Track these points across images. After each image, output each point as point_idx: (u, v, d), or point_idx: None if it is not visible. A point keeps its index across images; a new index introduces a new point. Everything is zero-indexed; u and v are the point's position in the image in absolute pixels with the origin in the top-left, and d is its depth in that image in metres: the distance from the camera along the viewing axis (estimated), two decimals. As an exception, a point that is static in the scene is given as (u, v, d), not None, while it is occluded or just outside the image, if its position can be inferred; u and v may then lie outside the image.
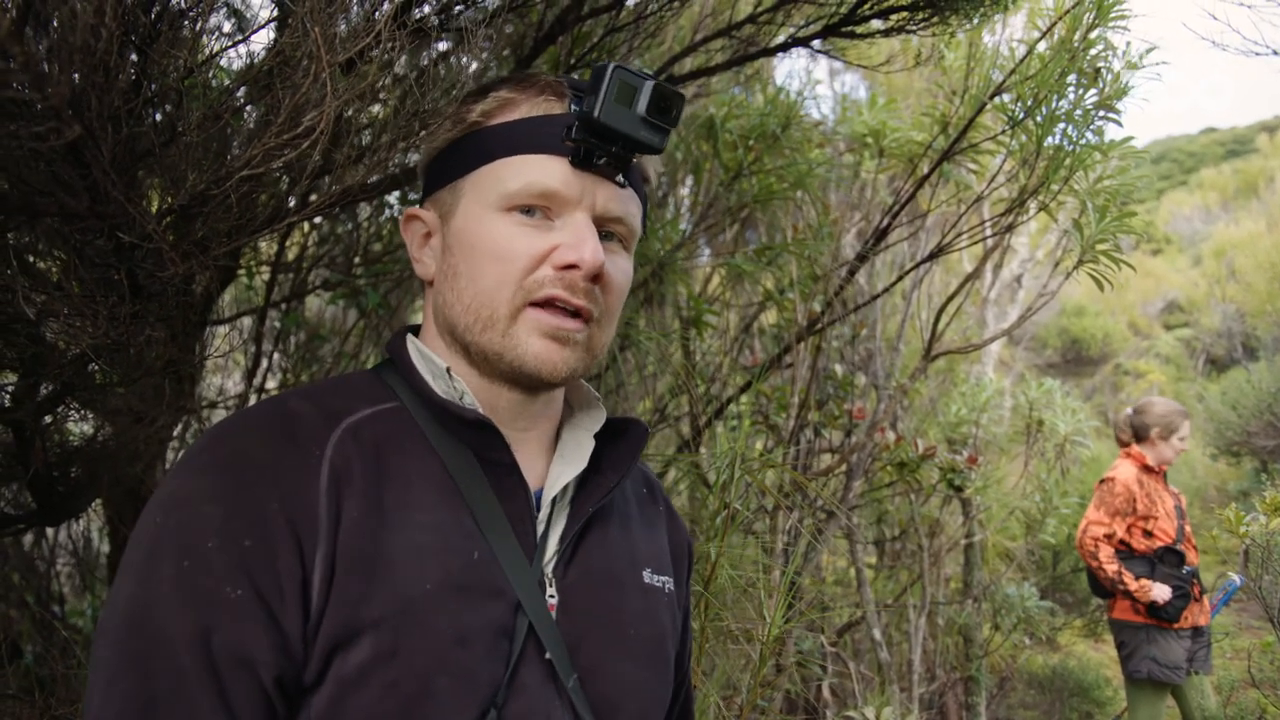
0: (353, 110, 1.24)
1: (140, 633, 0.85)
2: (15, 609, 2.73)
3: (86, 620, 3.07)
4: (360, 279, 3.06)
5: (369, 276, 3.07)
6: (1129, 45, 2.74)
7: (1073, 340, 19.38)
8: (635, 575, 1.13)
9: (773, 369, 4.12)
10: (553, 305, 1.02)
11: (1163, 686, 4.68)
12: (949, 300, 3.39)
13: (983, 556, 6.01)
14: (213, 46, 1.36)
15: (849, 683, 4.50)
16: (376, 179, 2.00)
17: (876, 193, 4.93)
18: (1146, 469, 4.92)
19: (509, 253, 1.01)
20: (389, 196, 2.94)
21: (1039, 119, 2.81)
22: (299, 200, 1.46)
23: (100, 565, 3.27)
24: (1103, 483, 4.96)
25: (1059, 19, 2.74)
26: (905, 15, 2.45)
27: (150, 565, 0.88)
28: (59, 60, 0.91)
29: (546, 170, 1.02)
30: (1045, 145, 2.85)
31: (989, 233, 3.17)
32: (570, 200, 1.03)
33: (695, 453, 3.92)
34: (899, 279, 3.90)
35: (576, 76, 2.93)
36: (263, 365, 3.15)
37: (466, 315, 1.03)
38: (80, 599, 3.31)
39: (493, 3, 1.91)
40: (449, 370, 1.04)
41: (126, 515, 2.41)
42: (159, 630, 0.84)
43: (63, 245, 1.28)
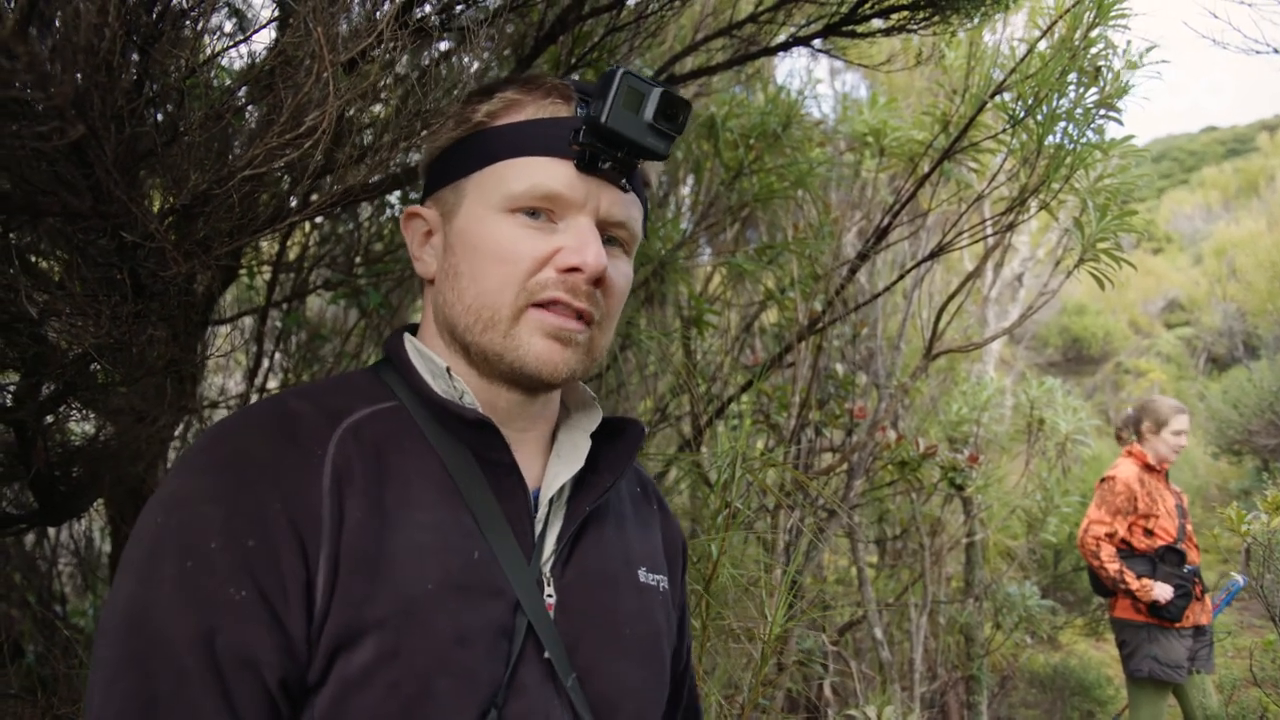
0: (354, 110, 1.24)
1: (141, 633, 0.85)
2: (17, 609, 2.73)
3: (88, 620, 3.07)
4: (361, 279, 3.06)
5: (370, 276, 3.07)
6: (1129, 44, 2.74)
7: (1074, 339, 19.38)
8: (630, 574, 1.13)
9: (774, 368, 4.13)
10: (555, 306, 1.02)
11: (1164, 685, 4.68)
12: (950, 299, 3.39)
13: (984, 555, 6.01)
14: (214, 46, 1.36)
15: (850, 681, 4.50)
16: (378, 179, 2.00)
17: (877, 192, 4.93)
18: (1148, 467, 4.92)
19: (512, 254, 1.01)
20: (390, 196, 2.94)
21: (1040, 118, 2.81)
22: (300, 200, 1.46)
23: (102, 565, 3.27)
24: (1103, 481, 4.96)
25: (1059, 18, 2.74)
26: (906, 14, 2.45)
27: (151, 565, 0.87)
28: (62, 60, 0.92)
29: (551, 173, 1.02)
30: (1046, 144, 2.84)
31: (990, 231, 3.17)
32: (574, 203, 1.03)
33: (696, 452, 3.91)
34: (900, 278, 3.90)
35: (578, 77, 2.92)
36: (264, 365, 3.15)
37: (467, 315, 1.03)
38: (82, 599, 3.31)
39: (494, 2, 1.91)
40: (449, 370, 1.04)
41: (128, 515, 2.41)
42: (160, 630, 0.84)
43: (65, 245, 1.28)
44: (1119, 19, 2.69)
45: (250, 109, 1.67)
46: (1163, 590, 4.58)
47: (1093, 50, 2.72)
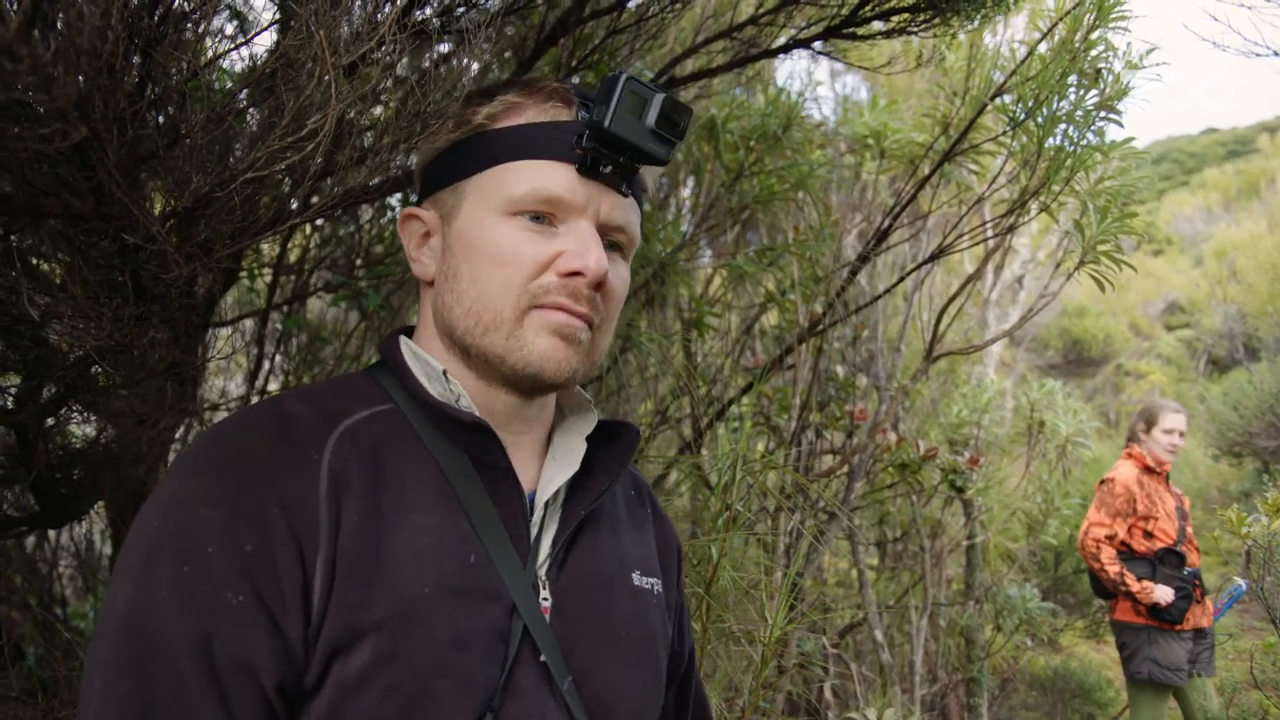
0: (355, 112, 1.24)
1: (139, 637, 0.84)
2: (18, 611, 2.73)
3: (89, 622, 3.07)
4: (362, 281, 3.07)
5: (371, 278, 3.07)
6: (1130, 46, 2.74)
7: (1074, 341, 19.37)
8: (625, 578, 1.13)
9: (774, 370, 4.13)
10: (558, 310, 1.02)
11: (1164, 688, 4.68)
12: (950, 301, 3.39)
13: (984, 558, 6.01)
14: (216, 49, 1.36)
15: (851, 684, 4.50)
16: (378, 181, 2.00)
17: (878, 194, 4.94)
18: (1147, 469, 4.92)
19: (513, 257, 1.01)
20: (391, 199, 2.94)
21: (1040, 120, 2.81)
22: (301, 202, 1.46)
23: (102, 567, 3.27)
24: (1103, 483, 4.96)
25: (1060, 20, 2.75)
26: (906, 17, 2.45)
27: (149, 569, 0.87)
28: (65, 62, 0.92)
29: (553, 177, 1.02)
30: (1046, 146, 2.85)
31: (990, 234, 3.17)
32: (575, 207, 1.03)
33: (697, 454, 3.92)
34: (900, 280, 3.90)
35: (578, 80, 2.92)
36: (264, 367, 3.15)
37: (467, 318, 1.03)
38: (82, 601, 3.31)
39: (494, 5, 1.91)
40: (445, 372, 1.04)
41: (129, 517, 2.40)
42: (158, 635, 0.84)
43: (67, 247, 1.28)
44: (1119, 21, 2.69)
45: (252, 112, 1.67)
46: (1163, 593, 4.58)
47: (1093, 52, 2.72)
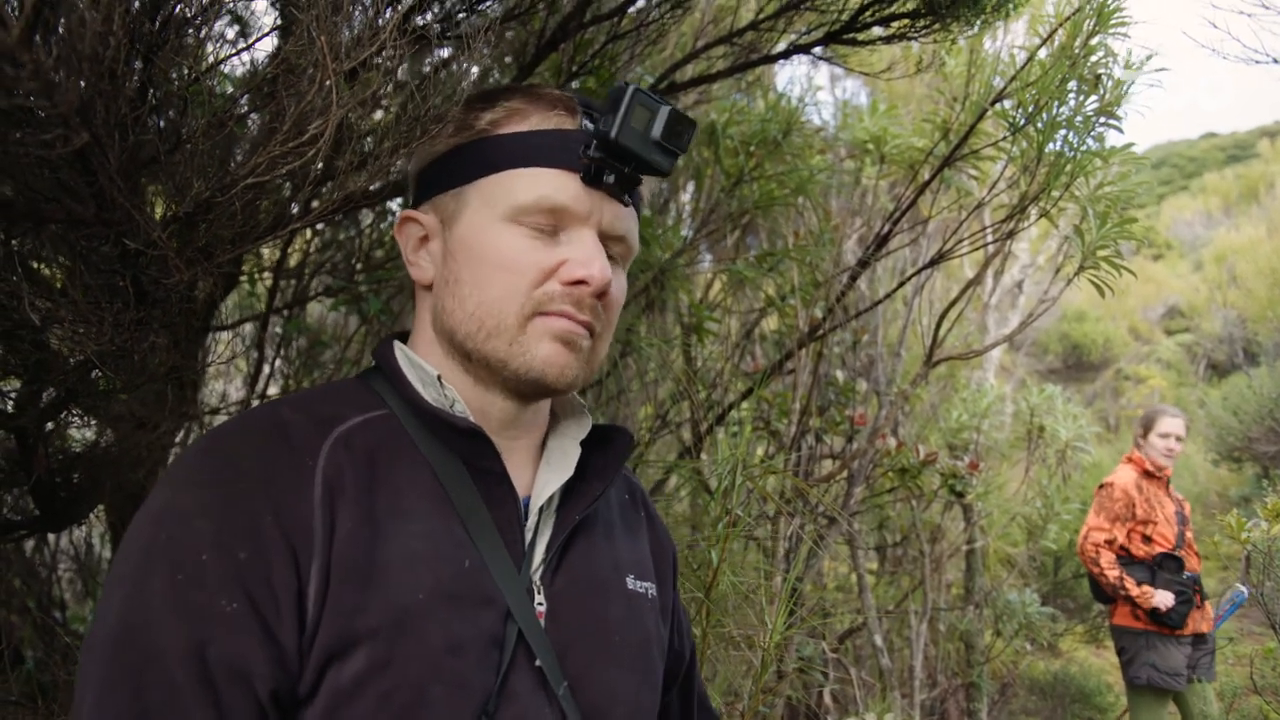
0: (355, 117, 1.24)
1: (133, 646, 0.84)
2: (17, 615, 2.73)
3: (87, 626, 3.06)
4: (362, 285, 3.07)
5: (371, 283, 3.07)
6: (1129, 52, 2.75)
7: (1074, 346, 19.39)
8: (619, 582, 1.13)
9: (774, 375, 4.13)
10: (561, 317, 1.02)
11: (1164, 693, 4.67)
12: (950, 306, 3.39)
13: (984, 562, 6.01)
14: (217, 54, 1.36)
15: (850, 689, 4.50)
16: (378, 185, 2.01)
17: (877, 199, 4.94)
18: (1147, 474, 4.92)
19: (517, 264, 1.01)
20: (391, 203, 2.94)
21: (1040, 125, 2.82)
22: (301, 207, 1.46)
23: (102, 571, 3.26)
24: (1102, 488, 4.97)
25: (1060, 25, 2.75)
26: (907, 22, 2.45)
27: (142, 577, 0.87)
28: (67, 68, 0.92)
29: (559, 185, 1.02)
30: (1046, 151, 2.85)
31: (990, 239, 3.18)
32: (579, 216, 1.03)
33: (697, 459, 3.92)
34: (900, 285, 3.90)
35: (578, 85, 2.90)
36: (264, 371, 3.15)
37: (469, 323, 1.03)
38: (81, 605, 3.31)
39: (495, 10, 1.92)
40: (439, 378, 1.04)
41: (128, 521, 2.39)
42: (152, 643, 0.84)
43: (67, 251, 1.28)
44: (1119, 27, 2.70)
45: (253, 117, 1.67)
46: (1163, 598, 4.58)
47: (1093, 58, 2.72)
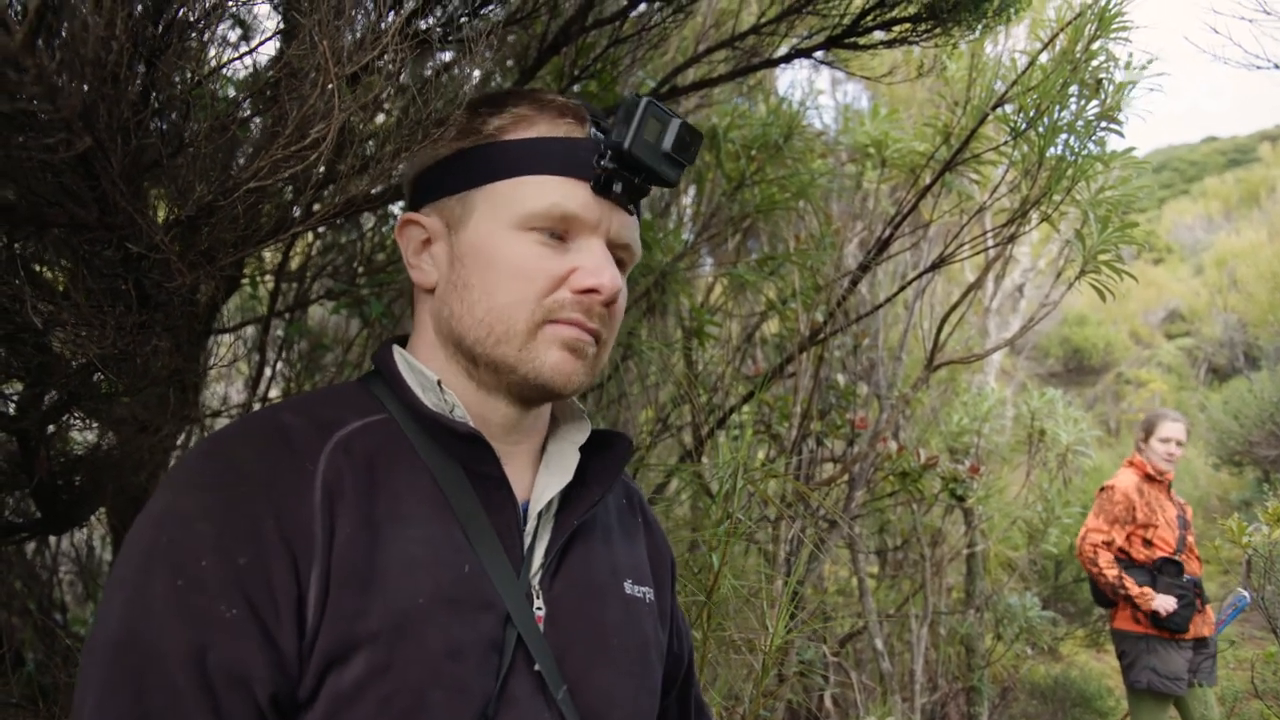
0: (357, 121, 1.24)
1: (133, 650, 0.84)
2: (18, 617, 2.72)
3: (88, 629, 3.06)
4: (364, 289, 3.07)
5: (372, 286, 3.07)
6: (1130, 57, 2.75)
7: (1074, 349, 19.38)
8: (617, 586, 1.13)
9: (775, 379, 4.13)
10: (570, 324, 1.03)
11: (1164, 697, 4.67)
12: (951, 310, 3.39)
13: (985, 566, 6.00)
14: (220, 58, 1.37)
15: (851, 693, 4.50)
16: (380, 189, 2.01)
17: (879, 203, 4.94)
18: (1149, 478, 4.92)
19: (529, 272, 1.01)
20: (392, 206, 2.95)
21: (1041, 130, 2.82)
22: (303, 210, 1.47)
23: (102, 573, 3.26)
24: (1103, 490, 4.97)
25: (1061, 30, 2.75)
26: (908, 27, 2.45)
27: (143, 582, 0.87)
28: (70, 72, 0.92)
29: (570, 194, 1.02)
30: (1047, 156, 2.85)
31: (991, 243, 3.18)
32: (589, 225, 1.03)
33: (698, 462, 3.92)
34: (901, 289, 3.90)
35: (579, 88, 2.90)
36: (266, 374, 3.15)
37: (478, 329, 1.03)
38: (82, 607, 3.31)
39: (498, 14, 1.92)
40: (439, 383, 1.04)
41: (129, 524, 2.39)
42: (152, 648, 0.84)
43: (70, 255, 1.29)
44: (1120, 32, 2.70)
45: (255, 120, 1.67)
46: (1164, 601, 4.57)
47: (1094, 63, 2.73)
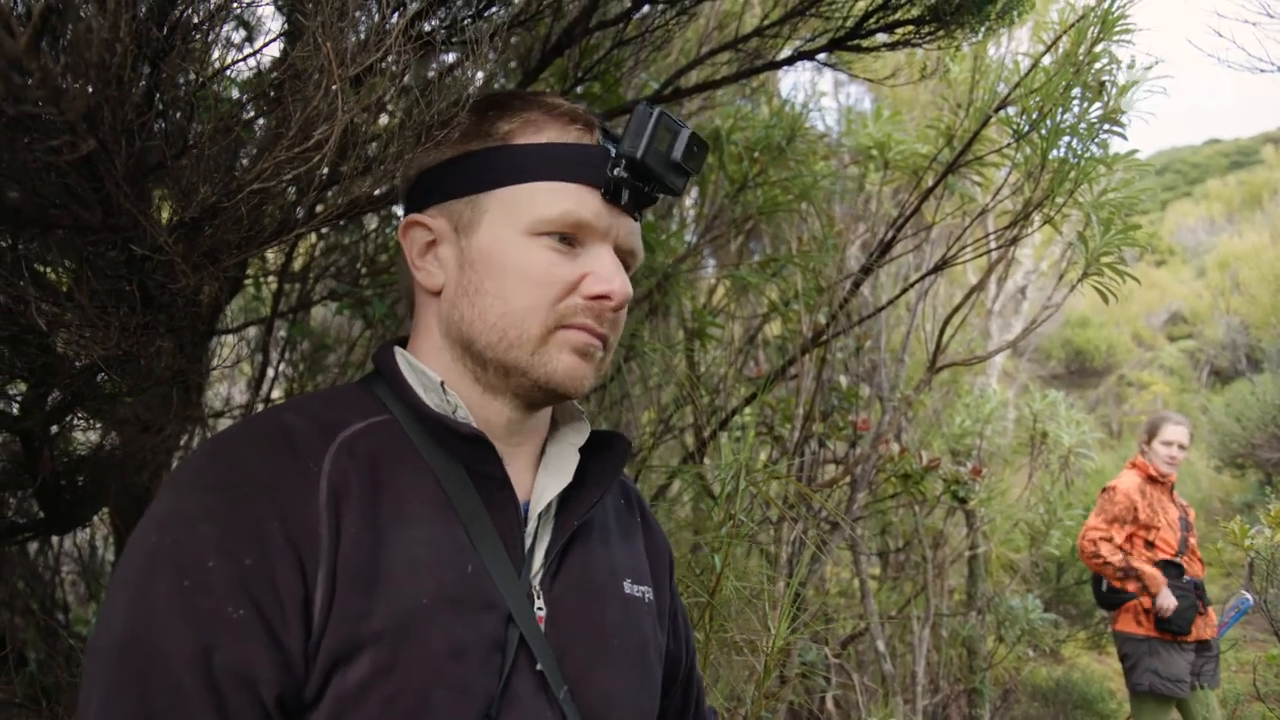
0: (361, 122, 1.24)
1: (138, 651, 0.84)
2: (20, 617, 2.73)
3: (91, 629, 3.06)
4: (367, 289, 3.07)
5: (375, 287, 3.07)
6: (1133, 60, 2.75)
7: (1077, 352, 19.38)
8: (616, 586, 1.14)
9: (777, 380, 4.13)
10: (582, 329, 1.05)
11: (1166, 700, 4.67)
12: (953, 312, 3.39)
13: (987, 568, 6.00)
14: (224, 59, 1.37)
15: (853, 694, 4.50)
16: (383, 190, 2.01)
17: (881, 205, 4.94)
18: (1151, 479, 4.92)
19: (544, 278, 1.03)
20: (396, 208, 2.95)
21: (1044, 132, 2.82)
22: (306, 212, 1.47)
23: (105, 573, 3.27)
24: (1104, 491, 4.97)
25: (1064, 33, 2.75)
26: (911, 29, 2.45)
27: (148, 583, 0.87)
28: (74, 75, 0.92)
29: (582, 201, 1.04)
30: (1050, 158, 2.85)
31: (993, 245, 3.18)
32: (599, 232, 1.05)
33: (700, 464, 3.92)
34: (903, 291, 3.90)
35: (581, 90, 2.89)
36: (269, 375, 3.15)
37: (491, 333, 1.03)
38: (85, 607, 3.31)
39: (501, 16, 1.92)
40: (442, 384, 1.04)
41: (132, 524, 2.40)
42: (158, 648, 0.84)
43: (74, 256, 1.29)
44: (1123, 35, 2.70)
45: (259, 122, 1.68)
46: (1165, 599, 4.57)
47: (1097, 65, 2.73)
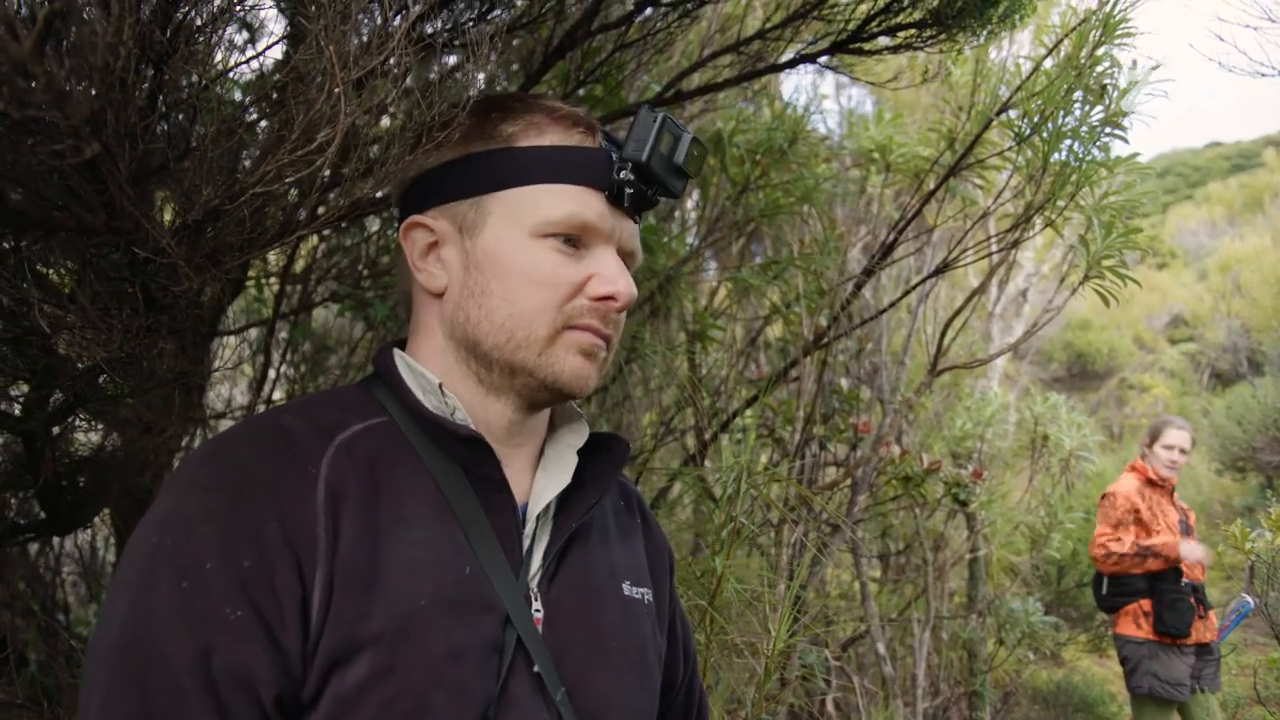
0: (363, 124, 1.25)
1: (138, 653, 0.85)
2: (21, 618, 2.73)
3: (91, 630, 3.06)
4: (368, 291, 3.07)
5: (377, 288, 3.08)
6: (1135, 63, 2.75)
7: (1078, 354, 19.39)
8: (615, 588, 1.14)
9: (779, 383, 4.13)
10: (587, 330, 1.06)
11: (1166, 703, 4.66)
12: (955, 315, 3.40)
13: (987, 571, 6.00)
14: (226, 61, 1.37)
15: (853, 697, 4.50)
16: (384, 192, 2.01)
17: (883, 208, 4.94)
18: (1150, 483, 4.92)
19: (551, 280, 1.03)
20: (397, 209, 2.95)
21: (1045, 135, 2.82)
22: (308, 213, 1.47)
23: (105, 574, 3.27)
24: (1104, 498, 4.97)
25: (1065, 36, 2.75)
26: (913, 32, 2.45)
27: (147, 585, 0.87)
28: (78, 78, 0.92)
29: (587, 203, 1.05)
30: (1051, 161, 2.85)
31: (995, 248, 3.18)
32: (603, 234, 1.06)
33: (701, 466, 3.92)
34: (905, 294, 3.89)
35: (583, 93, 2.90)
36: (270, 376, 3.15)
37: (498, 334, 1.04)
38: (85, 608, 3.31)
39: (503, 18, 1.92)
40: (441, 386, 1.05)
41: (133, 525, 2.40)
42: (157, 650, 0.84)
43: (77, 258, 1.29)
44: (1124, 38, 2.70)
45: (261, 124, 1.68)
46: (1190, 549, 4.58)
47: (1098, 68, 2.73)
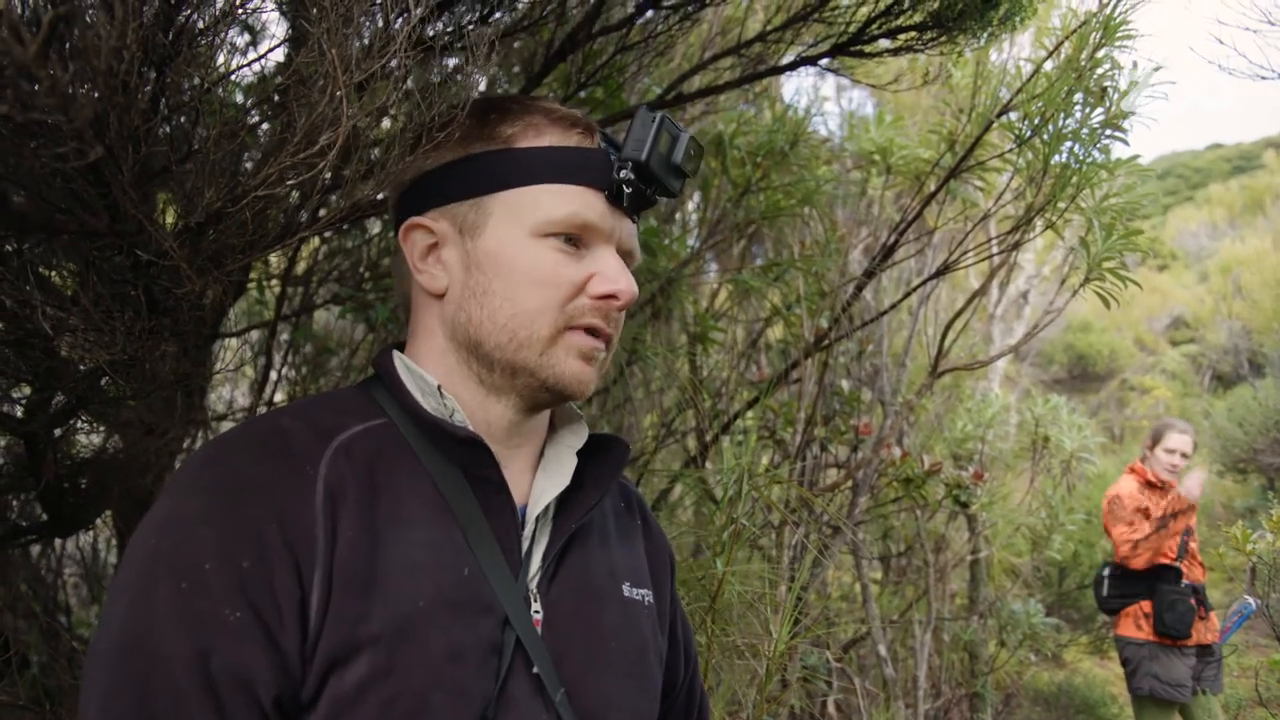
0: (364, 127, 1.25)
1: (138, 654, 0.85)
2: (23, 619, 2.73)
3: (92, 632, 3.06)
4: (369, 293, 3.08)
5: (378, 290, 3.08)
6: (1135, 65, 2.75)
7: (1079, 356, 19.37)
8: (615, 589, 1.14)
9: (779, 384, 4.13)
10: (588, 331, 1.06)
11: (1168, 704, 4.66)
12: (955, 317, 3.39)
13: (988, 572, 5.99)
14: (229, 64, 1.37)
15: (854, 698, 4.49)
16: (385, 194, 2.01)
17: (883, 209, 4.94)
18: (1149, 484, 4.92)
19: (553, 279, 1.04)
20: (393, 212, 2.95)
21: (1046, 137, 2.82)
22: (310, 216, 1.47)
23: (107, 576, 3.27)
24: (1110, 501, 4.97)
25: (1066, 38, 2.75)
26: (913, 35, 2.45)
27: (146, 587, 0.88)
28: (82, 81, 0.93)
29: (588, 203, 1.05)
30: (1052, 163, 2.85)
31: (995, 250, 3.18)
32: (603, 233, 1.07)
33: (702, 468, 3.92)
34: (906, 295, 3.89)
35: (584, 95, 2.90)
36: (271, 378, 3.15)
37: (500, 334, 1.04)
38: (87, 610, 3.32)
39: (505, 21, 1.92)
40: (439, 388, 1.05)
41: (134, 527, 2.40)
42: (156, 651, 0.85)
43: (79, 261, 1.29)
44: (1125, 40, 2.70)
45: (263, 127, 1.68)
46: (1192, 481, 4.62)
47: (1099, 70, 2.73)
